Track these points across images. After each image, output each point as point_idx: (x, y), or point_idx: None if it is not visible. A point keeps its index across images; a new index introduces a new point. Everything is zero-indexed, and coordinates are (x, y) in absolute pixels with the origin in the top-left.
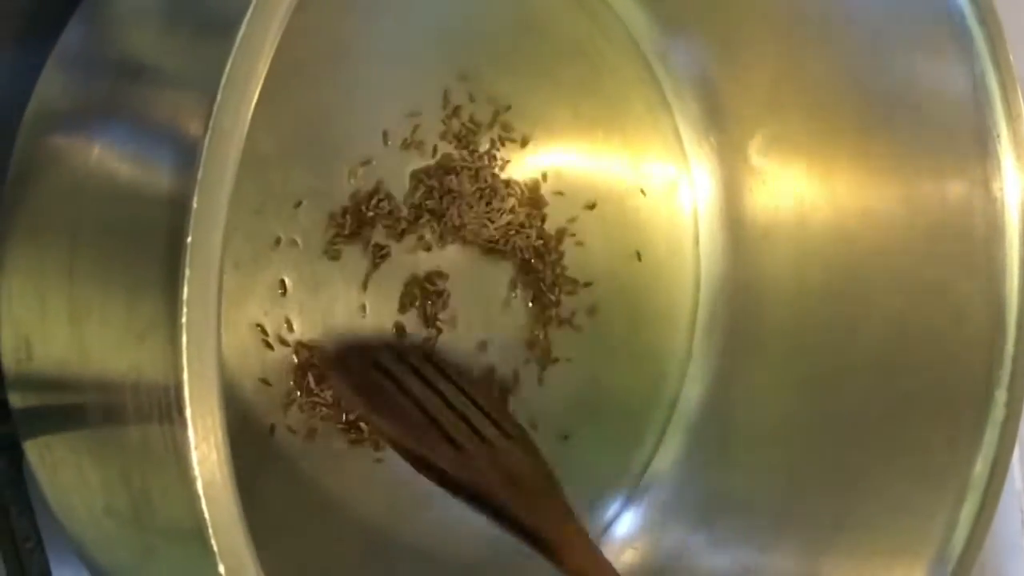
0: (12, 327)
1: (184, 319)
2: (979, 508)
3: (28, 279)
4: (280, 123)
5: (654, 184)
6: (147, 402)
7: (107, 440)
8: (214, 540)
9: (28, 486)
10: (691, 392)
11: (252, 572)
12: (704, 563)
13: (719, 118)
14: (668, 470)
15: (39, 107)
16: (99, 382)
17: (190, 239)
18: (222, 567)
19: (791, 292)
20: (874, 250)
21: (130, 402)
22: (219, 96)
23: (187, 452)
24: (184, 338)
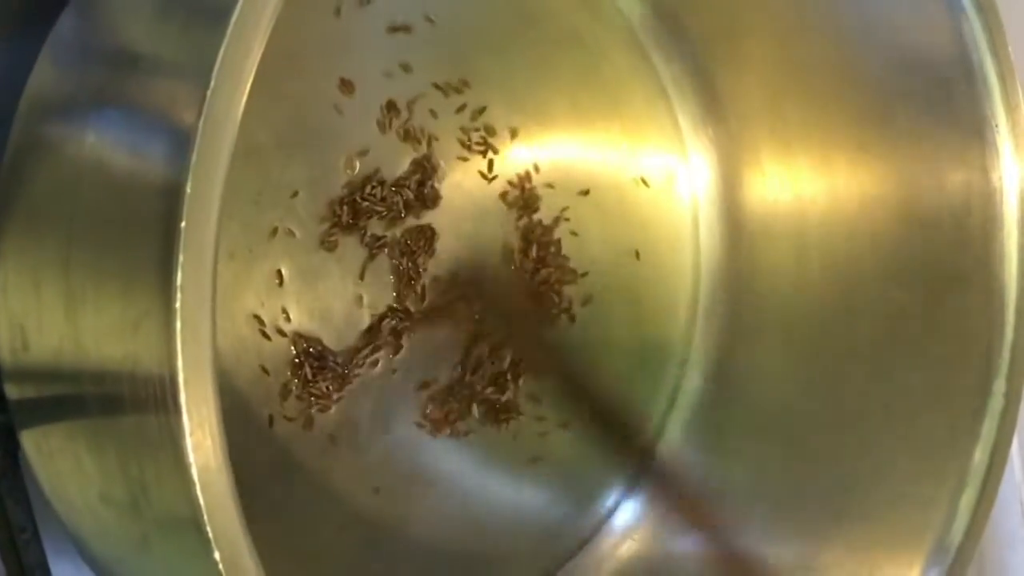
0: (8, 317)
1: (178, 304)
2: (978, 498)
3: (23, 268)
4: (276, 113)
5: (653, 175)
6: (143, 390)
7: (103, 429)
8: (209, 527)
9: (24, 476)
10: (690, 383)
11: (247, 559)
12: (702, 554)
13: (717, 109)
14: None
15: (33, 97)
16: (95, 371)
17: (183, 224)
18: (217, 554)
19: (790, 283)
20: (872, 240)
21: (126, 390)
22: (212, 82)
23: (182, 439)
24: (178, 324)
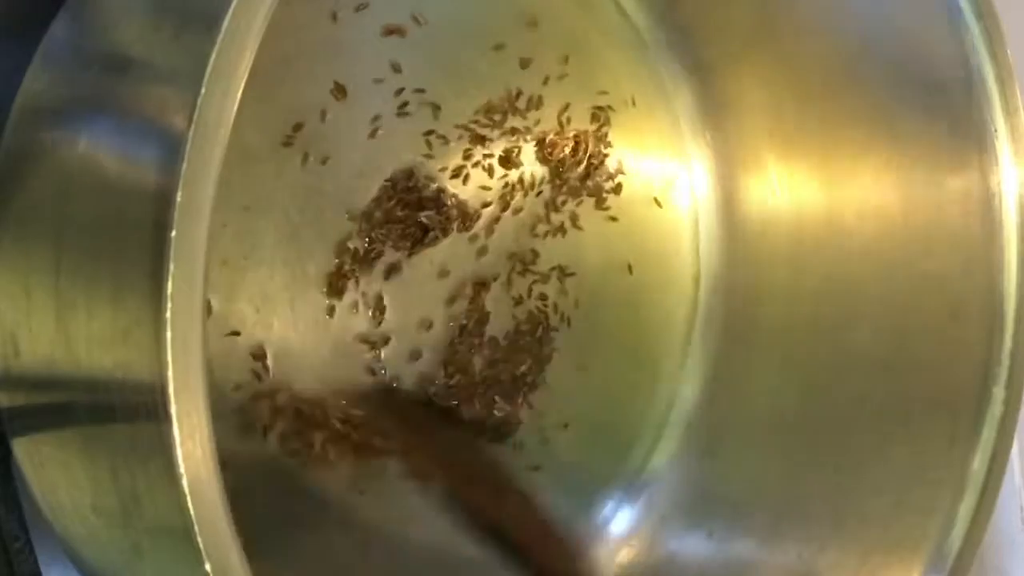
0: None
1: (168, 314)
2: (977, 504)
3: (14, 275)
4: (268, 117)
5: (652, 179)
6: (133, 399)
7: (95, 438)
8: (200, 538)
9: (16, 484)
10: (688, 389)
11: (238, 569)
12: (701, 560)
13: (716, 114)
14: (665, 467)
15: (25, 102)
16: (86, 379)
17: (174, 233)
18: (208, 565)
19: (788, 289)
20: (871, 246)
21: (117, 399)
22: (203, 89)
23: (173, 449)
24: (169, 333)
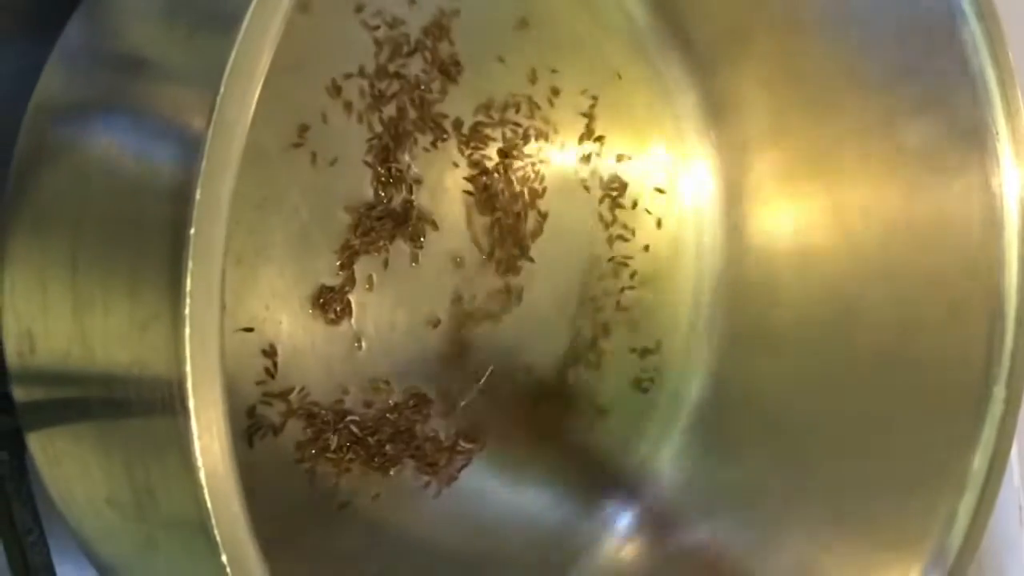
0: (15, 319)
1: (187, 310)
2: (977, 503)
3: (31, 271)
4: (281, 116)
5: (656, 180)
6: (150, 393)
7: (110, 432)
8: (217, 531)
9: (31, 478)
10: (691, 388)
11: (254, 562)
12: (704, 559)
13: (719, 114)
14: (668, 466)
15: (42, 100)
16: (102, 374)
17: (193, 230)
18: (224, 557)
19: (791, 289)
20: (873, 247)
21: (133, 393)
22: (222, 89)
23: (190, 443)
24: (187, 329)
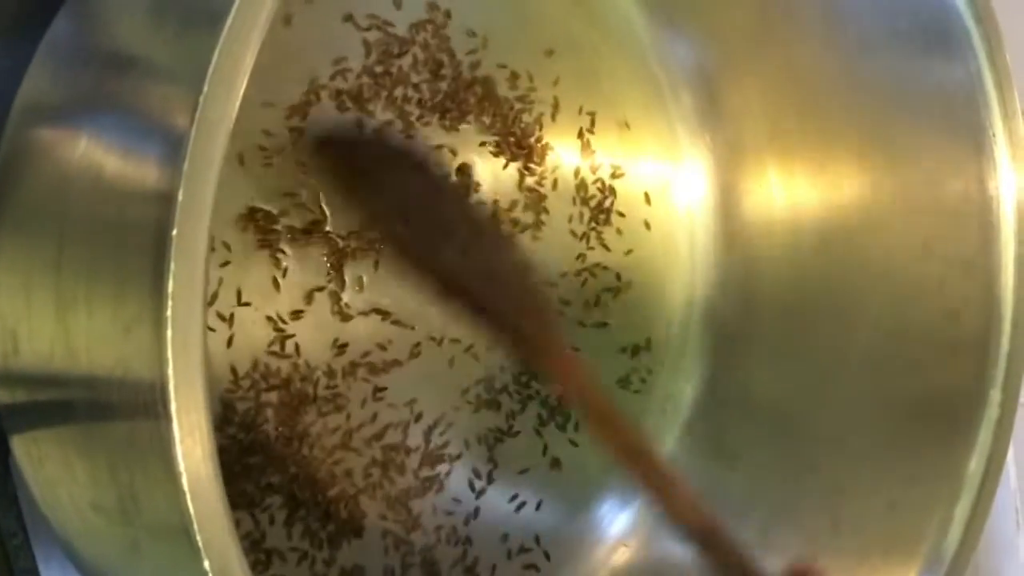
0: None
1: (169, 312)
2: (974, 507)
3: (14, 272)
4: (264, 116)
5: (649, 181)
6: (133, 396)
7: (94, 435)
8: (199, 536)
9: (15, 481)
10: (685, 390)
11: (237, 568)
12: (697, 562)
13: (715, 115)
14: None
15: (27, 99)
16: (85, 376)
17: (175, 232)
18: (207, 563)
19: (786, 290)
20: (869, 249)
21: (116, 396)
22: (205, 88)
23: (172, 447)
24: (169, 332)
